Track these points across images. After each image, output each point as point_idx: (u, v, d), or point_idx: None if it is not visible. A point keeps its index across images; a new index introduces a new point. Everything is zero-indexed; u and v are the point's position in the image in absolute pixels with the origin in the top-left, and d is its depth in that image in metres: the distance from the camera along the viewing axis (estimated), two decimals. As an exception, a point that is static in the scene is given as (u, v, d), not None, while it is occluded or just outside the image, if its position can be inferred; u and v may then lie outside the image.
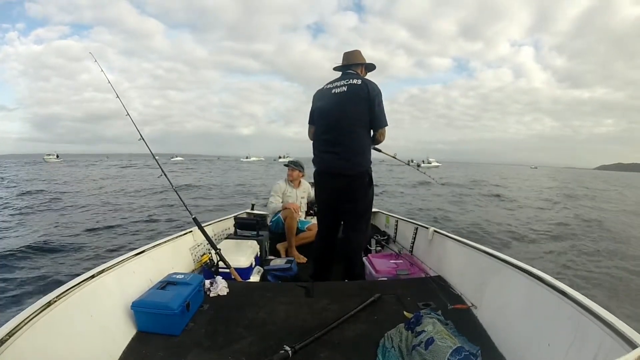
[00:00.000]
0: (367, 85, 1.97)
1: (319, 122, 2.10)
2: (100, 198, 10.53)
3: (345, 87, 1.99)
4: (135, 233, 5.94)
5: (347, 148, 1.97)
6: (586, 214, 10.11)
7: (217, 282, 1.70)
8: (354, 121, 1.97)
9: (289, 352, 1.12)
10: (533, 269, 1.30)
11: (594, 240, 6.59)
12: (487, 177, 31.16)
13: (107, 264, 1.41)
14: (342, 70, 2.14)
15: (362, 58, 2.17)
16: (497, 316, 1.36)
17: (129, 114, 2.07)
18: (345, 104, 1.97)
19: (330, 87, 2.06)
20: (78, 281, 1.20)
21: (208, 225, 2.57)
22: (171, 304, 1.30)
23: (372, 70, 2.28)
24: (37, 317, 0.97)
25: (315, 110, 2.14)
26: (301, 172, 3.18)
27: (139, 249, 1.67)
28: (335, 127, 1.99)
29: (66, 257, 4.43)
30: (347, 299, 1.58)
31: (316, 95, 2.15)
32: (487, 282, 1.53)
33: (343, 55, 2.20)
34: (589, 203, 13.72)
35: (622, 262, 5.09)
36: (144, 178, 19.19)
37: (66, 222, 6.72)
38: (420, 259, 2.30)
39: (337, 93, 2.01)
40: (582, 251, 5.66)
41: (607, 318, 0.90)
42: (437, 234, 2.22)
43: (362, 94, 1.95)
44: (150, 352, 1.21)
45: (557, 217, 9.19)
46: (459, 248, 1.91)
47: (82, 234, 5.65)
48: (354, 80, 2.00)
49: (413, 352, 1.11)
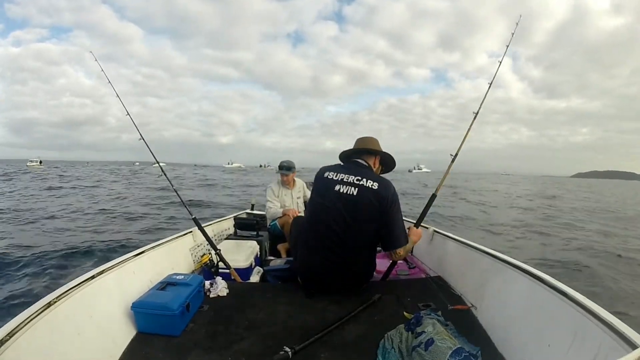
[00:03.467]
0: (387, 191, 1.56)
1: (311, 225, 1.66)
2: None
3: (355, 189, 1.57)
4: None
5: (343, 265, 1.61)
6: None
7: (217, 282, 1.69)
8: (360, 238, 1.59)
9: (289, 352, 1.12)
10: (533, 270, 1.30)
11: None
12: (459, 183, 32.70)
13: (107, 264, 1.41)
14: (350, 157, 1.74)
15: (378, 146, 1.75)
16: (497, 317, 1.36)
17: (129, 113, 2.07)
18: (353, 212, 1.55)
19: (334, 180, 1.63)
20: (78, 282, 1.20)
21: (208, 226, 2.57)
22: (171, 305, 1.30)
23: (389, 170, 1.85)
24: (37, 318, 0.97)
25: (311, 200, 1.74)
26: (294, 172, 3.12)
27: (139, 249, 1.67)
28: (334, 241, 1.57)
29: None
30: (347, 300, 1.57)
31: (317, 182, 1.71)
32: (487, 283, 1.53)
33: (356, 141, 1.78)
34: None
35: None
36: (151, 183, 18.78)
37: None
38: (420, 260, 2.30)
39: (343, 194, 1.58)
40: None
41: (607, 318, 0.90)
42: (437, 235, 2.22)
43: (377, 202, 1.54)
44: (150, 352, 1.20)
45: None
46: (459, 248, 1.91)
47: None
48: (368, 181, 1.58)
49: (413, 352, 1.11)
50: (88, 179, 21.51)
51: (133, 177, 23.99)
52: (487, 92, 2.11)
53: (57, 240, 4.99)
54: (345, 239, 1.57)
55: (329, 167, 1.72)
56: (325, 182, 1.65)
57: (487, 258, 1.61)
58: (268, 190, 3.09)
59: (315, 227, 1.64)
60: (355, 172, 1.63)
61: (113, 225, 6.47)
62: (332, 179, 1.63)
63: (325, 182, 1.65)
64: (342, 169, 1.68)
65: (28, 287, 3.14)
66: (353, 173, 1.62)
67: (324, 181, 1.66)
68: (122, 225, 6.54)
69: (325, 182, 1.65)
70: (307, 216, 1.74)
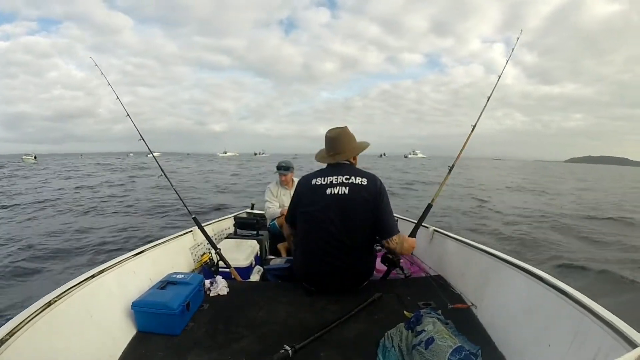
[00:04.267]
0: (375, 184, 1.60)
1: (308, 233, 1.65)
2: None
3: (347, 188, 1.57)
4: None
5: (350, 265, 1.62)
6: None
7: (217, 281, 1.70)
8: (358, 236, 1.60)
9: (289, 351, 1.12)
10: (533, 269, 1.31)
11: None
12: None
13: (107, 263, 1.41)
14: (331, 163, 1.70)
15: (349, 140, 1.71)
16: (497, 315, 1.36)
17: (128, 114, 2.07)
18: (348, 210, 1.56)
19: (323, 185, 1.61)
20: (78, 281, 1.20)
21: (208, 225, 2.58)
22: (171, 304, 1.30)
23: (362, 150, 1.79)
24: (37, 317, 0.97)
25: (301, 213, 1.66)
26: (292, 172, 3.11)
27: (139, 248, 1.67)
28: (333, 245, 1.58)
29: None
30: (347, 299, 1.57)
31: (304, 192, 1.67)
32: (487, 282, 1.53)
33: (327, 138, 1.71)
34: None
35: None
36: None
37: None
38: (420, 259, 2.30)
39: (335, 195, 1.57)
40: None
41: (607, 317, 0.90)
42: (437, 234, 2.22)
43: (369, 197, 1.57)
44: (151, 351, 1.21)
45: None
46: (459, 247, 1.91)
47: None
48: (357, 178, 1.59)
49: (413, 351, 1.11)
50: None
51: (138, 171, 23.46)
52: (495, 86, 2.17)
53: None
54: (343, 240, 1.57)
55: (313, 175, 1.69)
56: (314, 189, 1.62)
57: (487, 257, 1.62)
58: (267, 190, 3.09)
59: (312, 236, 1.62)
60: (342, 172, 1.63)
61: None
62: (322, 185, 1.61)
63: (314, 189, 1.62)
64: (327, 172, 1.66)
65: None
66: (340, 173, 1.62)
67: (313, 189, 1.63)
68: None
69: (314, 189, 1.62)
70: (301, 228, 1.69)
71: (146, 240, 4.07)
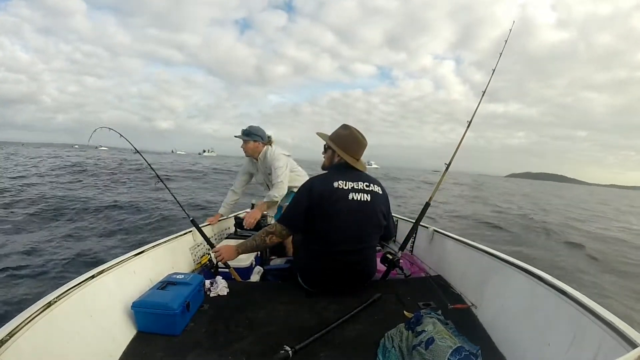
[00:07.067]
0: (385, 192, 1.70)
1: (327, 234, 1.59)
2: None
3: (368, 196, 1.60)
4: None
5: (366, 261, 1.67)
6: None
7: (217, 282, 1.70)
8: (373, 240, 1.68)
9: (289, 352, 1.12)
10: (533, 269, 1.31)
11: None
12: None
13: (107, 264, 1.40)
14: (350, 166, 1.66)
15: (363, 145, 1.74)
16: (497, 316, 1.36)
17: (122, 135, 2.15)
18: (369, 217, 1.61)
19: (345, 189, 1.57)
20: (78, 281, 1.20)
21: (207, 225, 2.57)
22: (171, 304, 1.30)
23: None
24: (37, 317, 0.96)
25: (322, 215, 1.57)
26: (256, 140, 2.66)
27: (139, 249, 1.67)
28: (349, 250, 1.60)
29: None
30: (347, 299, 1.57)
31: (324, 194, 1.56)
32: (487, 282, 1.53)
33: (356, 139, 1.69)
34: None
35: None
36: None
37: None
38: (420, 259, 2.30)
39: (358, 201, 1.57)
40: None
41: (607, 317, 0.90)
42: (437, 234, 2.22)
43: (384, 205, 1.66)
44: (150, 352, 1.20)
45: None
46: (459, 247, 1.91)
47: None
48: (375, 186, 1.65)
49: (413, 351, 1.11)
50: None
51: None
52: (479, 101, 2.23)
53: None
54: (361, 242, 1.62)
55: (331, 176, 1.62)
56: (336, 191, 1.56)
57: (486, 257, 1.62)
58: (279, 161, 2.61)
59: (333, 238, 1.58)
60: (360, 178, 1.63)
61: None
62: (344, 189, 1.57)
63: (335, 192, 1.56)
64: (347, 175, 1.61)
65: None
66: (359, 179, 1.62)
67: (334, 191, 1.56)
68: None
69: (335, 191, 1.56)
70: (320, 229, 1.60)
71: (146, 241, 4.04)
